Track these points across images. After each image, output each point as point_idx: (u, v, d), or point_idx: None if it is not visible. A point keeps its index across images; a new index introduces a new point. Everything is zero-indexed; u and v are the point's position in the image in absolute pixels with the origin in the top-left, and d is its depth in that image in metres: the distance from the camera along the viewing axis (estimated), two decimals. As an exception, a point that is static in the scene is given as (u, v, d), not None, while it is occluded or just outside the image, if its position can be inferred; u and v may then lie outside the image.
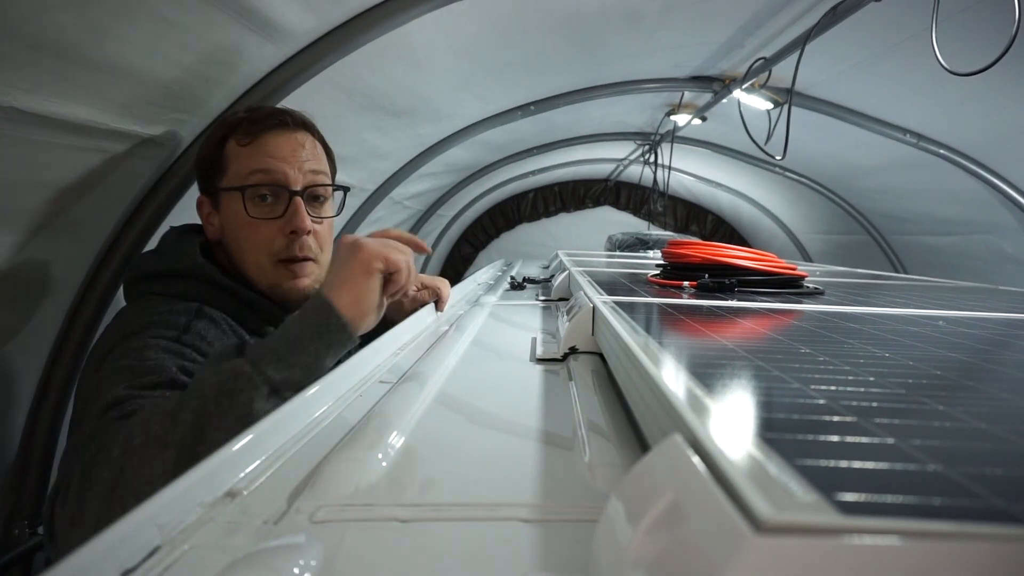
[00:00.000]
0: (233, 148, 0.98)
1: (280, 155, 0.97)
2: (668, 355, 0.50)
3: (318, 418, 0.57)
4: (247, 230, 0.97)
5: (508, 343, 0.94)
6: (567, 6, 2.02)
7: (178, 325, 0.85)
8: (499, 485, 0.42)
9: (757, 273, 1.17)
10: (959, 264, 3.41)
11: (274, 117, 0.99)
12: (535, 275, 2.13)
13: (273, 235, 0.97)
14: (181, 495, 0.36)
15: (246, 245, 0.98)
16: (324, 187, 1.03)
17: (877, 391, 0.42)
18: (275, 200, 0.97)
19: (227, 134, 0.98)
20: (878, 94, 2.66)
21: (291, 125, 1.00)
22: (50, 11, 0.85)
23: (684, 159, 4.72)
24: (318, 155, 1.03)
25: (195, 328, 0.86)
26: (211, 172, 1.00)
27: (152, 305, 0.89)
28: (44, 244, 1.13)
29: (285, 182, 0.97)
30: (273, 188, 0.97)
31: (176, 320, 0.86)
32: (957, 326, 0.79)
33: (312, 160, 1.01)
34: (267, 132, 0.97)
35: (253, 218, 0.96)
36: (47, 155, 1.02)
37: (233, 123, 0.99)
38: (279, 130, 0.98)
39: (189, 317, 0.87)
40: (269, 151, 0.97)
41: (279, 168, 0.97)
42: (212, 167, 1.00)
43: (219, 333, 0.89)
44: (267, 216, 0.97)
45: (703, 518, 0.24)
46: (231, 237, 0.99)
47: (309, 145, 1.01)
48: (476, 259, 6.54)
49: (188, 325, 0.85)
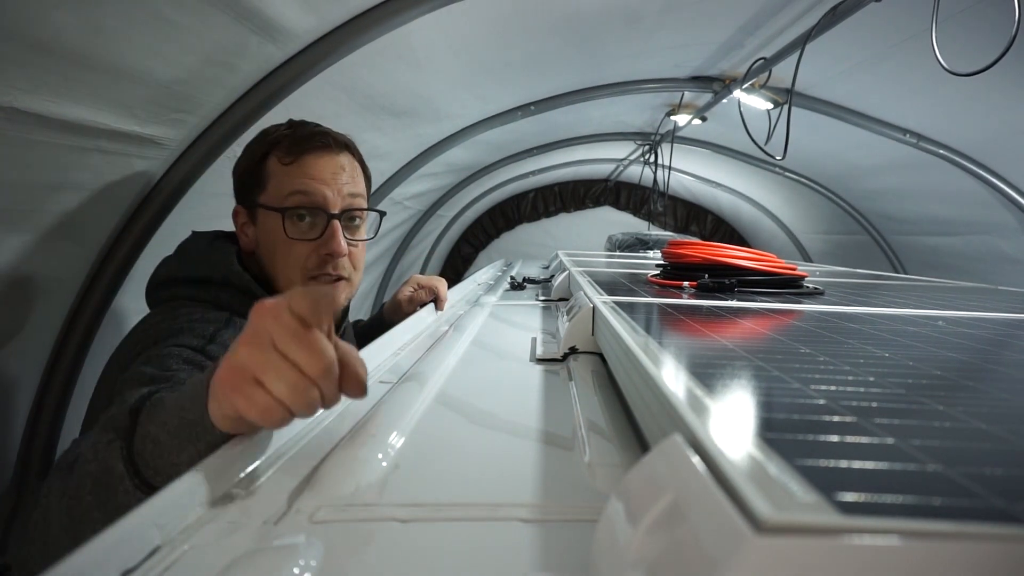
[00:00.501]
0: (275, 165, 0.98)
1: (321, 177, 0.98)
2: (668, 355, 0.50)
3: (318, 418, 0.57)
4: (283, 247, 0.97)
5: (508, 343, 0.94)
6: (567, 6, 2.02)
7: (205, 335, 0.83)
8: (499, 485, 0.42)
9: (757, 273, 1.17)
10: (959, 264, 3.41)
11: (318, 138, 1.00)
12: (535, 275, 2.13)
13: (308, 254, 0.98)
14: (181, 495, 0.36)
15: (280, 261, 0.98)
16: (361, 211, 1.05)
17: (877, 391, 0.42)
18: (313, 221, 0.98)
19: (269, 150, 0.99)
20: (878, 94, 2.66)
21: (333, 147, 1.01)
22: (51, 11, 0.85)
23: (684, 159, 4.72)
24: (357, 178, 1.05)
25: (221, 339, 0.84)
26: (250, 185, 1.00)
27: (182, 311, 0.88)
28: (44, 244, 1.13)
29: (324, 205, 0.98)
30: (312, 210, 0.98)
31: (204, 329, 0.84)
32: (957, 326, 0.79)
33: (351, 183, 1.02)
34: (310, 153, 0.98)
35: (291, 238, 0.97)
36: (48, 155, 1.02)
37: (276, 139, 0.99)
38: (322, 152, 0.99)
39: (218, 326, 0.86)
40: (310, 172, 0.98)
41: (319, 191, 0.97)
42: (252, 181, 1.00)
43: None
44: (304, 237, 0.98)
45: (703, 518, 0.24)
46: (266, 251, 1.00)
47: (349, 168, 1.03)
48: (476, 259, 6.54)
49: (215, 335, 0.84)
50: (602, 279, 1.29)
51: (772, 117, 2.66)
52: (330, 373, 0.42)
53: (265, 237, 0.99)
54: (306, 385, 0.41)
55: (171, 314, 0.88)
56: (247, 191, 1.01)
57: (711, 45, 2.55)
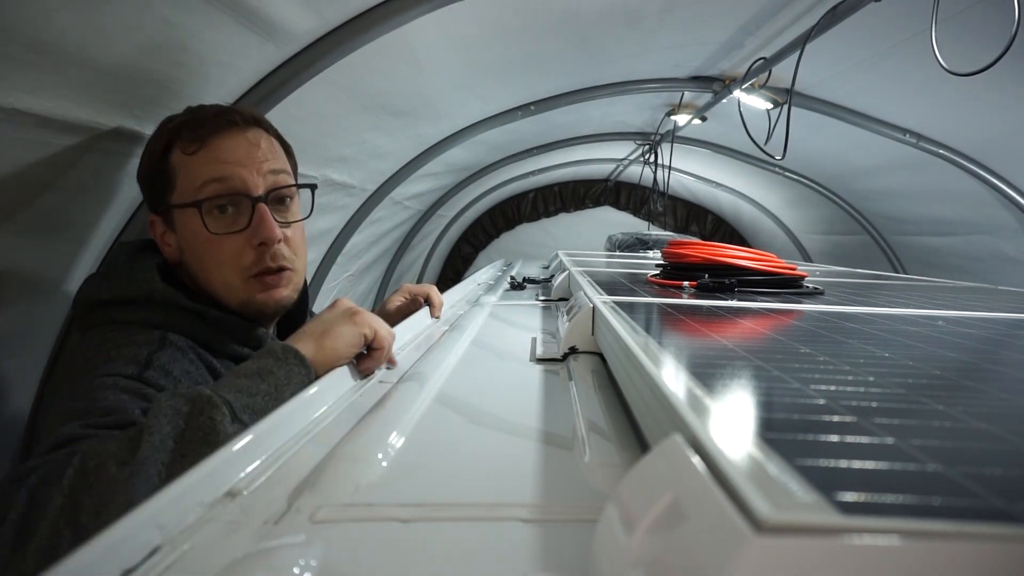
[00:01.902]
0: (179, 157, 0.88)
1: (234, 159, 0.87)
2: (668, 355, 0.50)
3: (318, 418, 0.57)
4: (210, 248, 0.87)
5: (508, 343, 0.94)
6: (567, 6, 2.02)
7: (139, 360, 0.75)
8: (499, 485, 0.42)
9: (757, 273, 1.17)
10: (959, 264, 3.41)
11: (221, 116, 0.89)
12: (535, 275, 2.14)
13: (240, 249, 0.88)
14: (181, 495, 0.36)
15: (211, 264, 0.88)
16: (288, 187, 0.93)
17: (877, 391, 0.42)
18: (236, 210, 0.88)
19: (170, 142, 0.88)
20: (878, 94, 2.66)
21: (240, 123, 0.89)
22: (52, 12, 0.85)
23: (684, 159, 4.72)
24: (276, 153, 0.93)
25: (158, 362, 0.76)
26: (158, 187, 0.90)
27: (109, 337, 0.79)
28: (44, 244, 1.13)
29: (244, 189, 0.87)
30: (232, 197, 0.87)
31: (136, 354, 0.76)
32: (957, 326, 0.79)
33: (271, 159, 0.91)
34: (215, 135, 0.87)
35: (215, 234, 0.86)
36: (48, 155, 1.02)
37: (174, 128, 0.89)
38: (228, 131, 0.88)
39: (151, 349, 0.77)
40: (221, 156, 0.87)
41: (235, 174, 0.87)
42: (158, 181, 0.90)
43: (186, 364, 0.80)
44: (230, 229, 0.87)
45: (703, 518, 0.24)
46: (192, 257, 0.90)
47: (265, 143, 0.91)
48: (476, 259, 6.54)
49: (150, 359, 0.76)
50: (602, 279, 1.29)
51: (772, 117, 2.67)
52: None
53: (188, 241, 0.89)
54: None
55: (99, 341, 0.80)
56: (157, 194, 0.90)
57: (711, 45, 2.56)
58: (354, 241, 2.94)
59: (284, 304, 0.93)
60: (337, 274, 3.01)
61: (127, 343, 0.78)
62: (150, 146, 0.92)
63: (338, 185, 2.32)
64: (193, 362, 0.81)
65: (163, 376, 0.75)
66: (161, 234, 0.92)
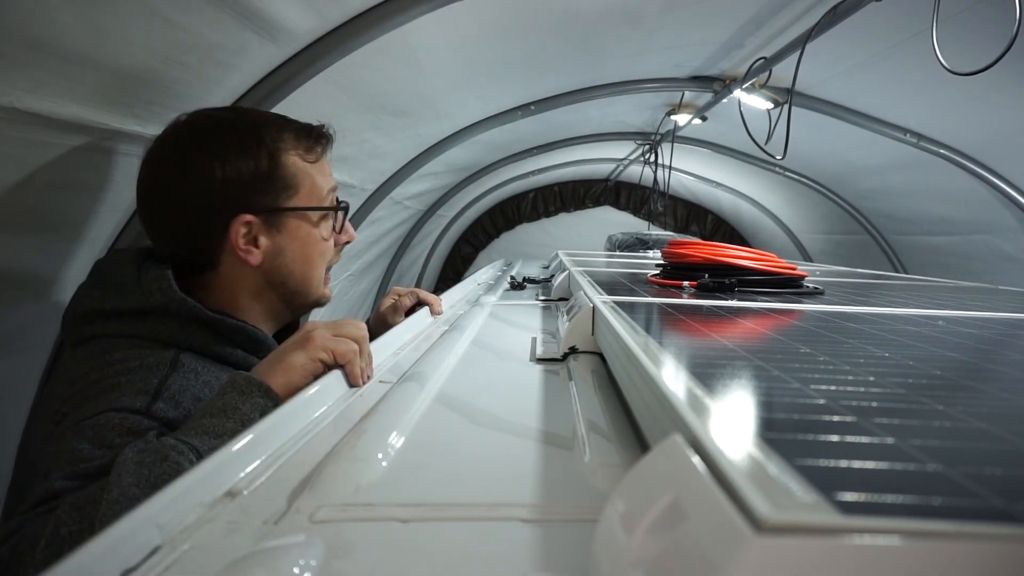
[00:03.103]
0: (300, 164, 0.92)
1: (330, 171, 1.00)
2: (668, 355, 0.50)
3: (318, 418, 0.57)
4: (320, 248, 0.96)
5: (508, 343, 0.94)
6: (567, 6, 2.01)
7: (149, 390, 0.73)
8: (499, 485, 0.42)
9: (757, 273, 1.17)
10: (959, 264, 3.41)
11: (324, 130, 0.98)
12: (535, 275, 2.13)
13: (330, 249, 1.00)
14: (181, 495, 0.36)
15: (318, 262, 0.96)
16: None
17: (877, 391, 0.42)
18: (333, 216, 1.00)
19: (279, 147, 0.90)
20: (878, 94, 2.66)
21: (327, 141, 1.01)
22: (51, 11, 0.85)
23: (684, 159, 4.72)
24: None
25: (168, 392, 0.75)
26: (273, 189, 0.90)
27: (116, 356, 0.77)
28: (44, 244, 1.13)
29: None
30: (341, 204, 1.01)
31: (147, 383, 0.74)
32: (957, 326, 0.79)
33: None
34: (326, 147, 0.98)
35: (324, 238, 0.96)
36: (48, 155, 1.02)
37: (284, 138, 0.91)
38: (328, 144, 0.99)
39: (163, 374, 0.76)
40: (328, 168, 0.98)
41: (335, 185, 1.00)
42: (273, 184, 0.90)
43: (197, 388, 0.78)
44: (331, 234, 0.99)
45: (703, 518, 0.24)
46: (294, 257, 0.93)
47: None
48: (476, 259, 6.54)
49: (160, 389, 0.74)
50: (602, 279, 1.29)
51: (772, 117, 2.67)
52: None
53: (295, 243, 0.92)
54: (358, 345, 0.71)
55: (101, 360, 0.77)
56: (260, 196, 0.89)
57: (711, 45, 2.55)
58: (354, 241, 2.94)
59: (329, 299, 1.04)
60: (337, 274, 3.01)
61: (138, 366, 0.76)
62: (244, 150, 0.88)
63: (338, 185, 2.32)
64: (207, 383, 0.80)
65: (173, 408, 0.74)
66: (254, 236, 0.90)
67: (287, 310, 0.98)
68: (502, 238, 6.60)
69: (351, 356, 0.70)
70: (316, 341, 0.70)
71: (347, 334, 0.72)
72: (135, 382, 0.74)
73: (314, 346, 0.70)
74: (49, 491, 0.63)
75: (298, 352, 0.70)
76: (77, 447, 0.67)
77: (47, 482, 0.64)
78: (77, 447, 0.67)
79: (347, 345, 0.70)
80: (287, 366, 0.70)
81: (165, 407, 0.73)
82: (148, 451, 0.60)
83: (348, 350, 0.70)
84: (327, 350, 0.70)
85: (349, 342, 0.71)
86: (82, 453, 0.66)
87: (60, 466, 0.66)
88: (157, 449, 0.60)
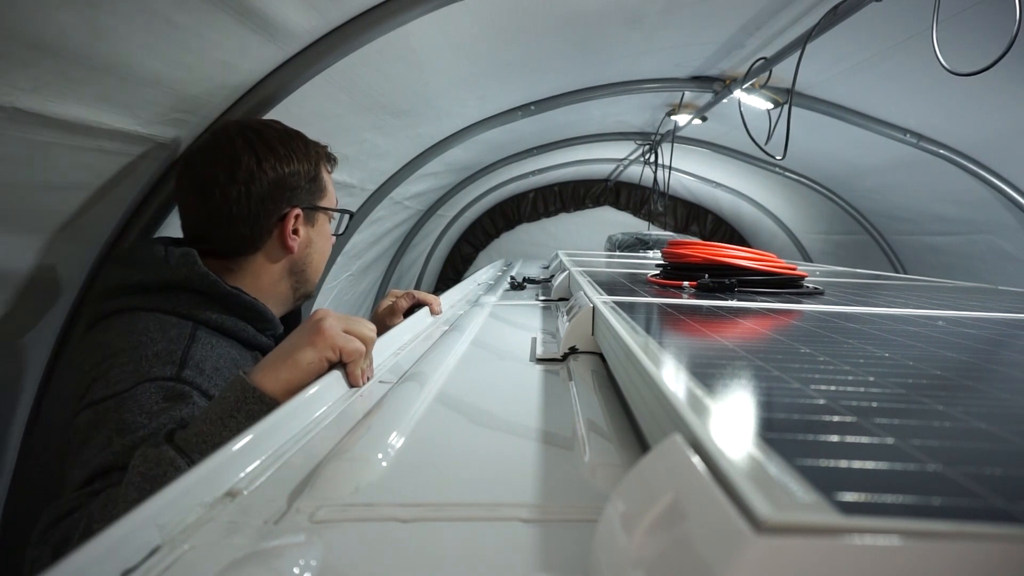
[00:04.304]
0: (325, 174, 1.11)
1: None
2: (668, 355, 0.50)
3: (318, 418, 0.57)
4: (328, 244, 1.13)
5: (508, 343, 0.94)
6: (567, 6, 2.01)
7: (175, 359, 0.80)
8: (499, 485, 0.42)
9: (757, 273, 1.17)
10: (959, 264, 3.41)
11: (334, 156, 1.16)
12: (535, 275, 2.13)
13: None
14: (181, 495, 0.36)
15: (326, 256, 1.14)
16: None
17: (877, 391, 0.42)
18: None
19: (319, 160, 1.09)
20: (878, 94, 2.66)
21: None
22: (52, 11, 0.85)
23: (684, 159, 4.72)
24: None
25: (193, 360, 0.81)
26: (312, 189, 1.07)
27: (139, 326, 0.84)
28: (44, 244, 1.13)
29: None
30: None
31: (172, 353, 0.81)
32: (957, 326, 0.78)
33: None
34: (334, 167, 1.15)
35: (333, 235, 1.15)
36: (48, 155, 1.02)
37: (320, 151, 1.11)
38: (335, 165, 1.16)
39: (184, 345, 0.83)
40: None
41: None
42: (313, 185, 1.07)
43: (215, 359, 0.86)
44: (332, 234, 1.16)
45: (703, 518, 0.24)
46: (315, 249, 1.10)
47: None
48: (476, 259, 6.54)
49: (185, 358, 0.81)
50: (602, 279, 1.29)
51: (772, 117, 2.67)
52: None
53: (319, 236, 1.10)
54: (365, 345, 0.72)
55: (125, 330, 0.83)
56: (306, 194, 1.06)
57: (711, 45, 2.55)
58: (354, 241, 2.94)
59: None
60: (337, 274, 3.01)
61: (161, 337, 0.83)
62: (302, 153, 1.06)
63: (338, 185, 2.32)
64: (223, 356, 0.88)
65: (198, 374, 0.82)
66: (295, 228, 1.05)
67: (292, 299, 1.10)
68: (502, 238, 6.60)
69: (356, 357, 0.70)
70: (326, 336, 0.71)
71: (358, 333, 0.72)
72: (160, 355, 0.80)
73: (324, 343, 0.70)
74: (103, 465, 0.68)
75: (308, 349, 0.71)
76: (122, 418, 0.72)
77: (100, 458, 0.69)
78: (122, 418, 0.72)
79: (355, 344, 0.71)
80: (294, 363, 0.70)
81: (191, 374, 0.80)
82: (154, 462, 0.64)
83: (355, 350, 0.70)
84: (335, 348, 0.70)
85: (358, 342, 0.71)
86: (129, 424, 0.72)
87: (109, 440, 0.71)
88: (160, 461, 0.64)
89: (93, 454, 0.70)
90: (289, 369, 0.70)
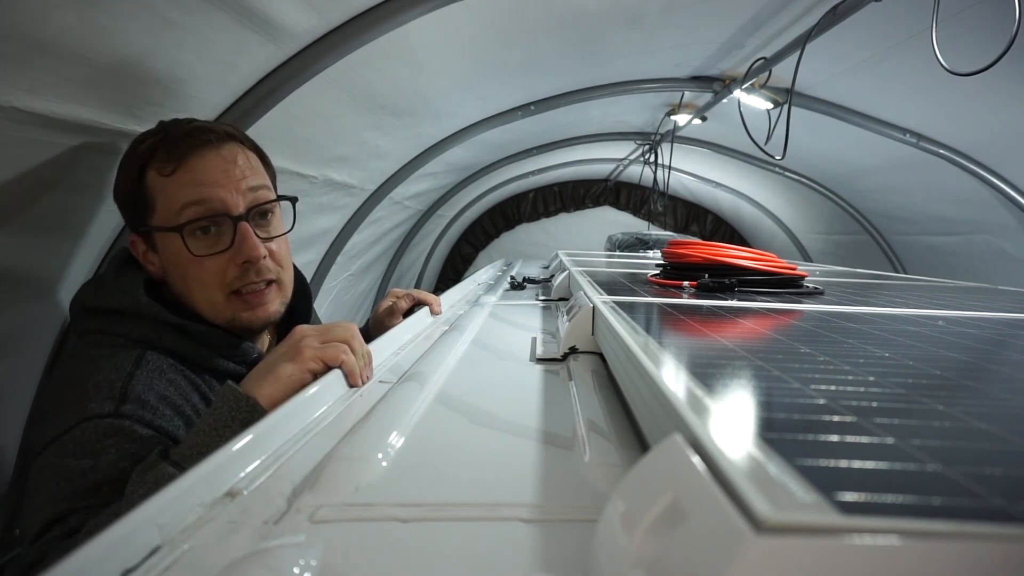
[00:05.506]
0: (156, 179, 0.86)
1: (211, 179, 0.86)
2: (668, 355, 0.50)
3: (318, 418, 0.57)
4: (193, 268, 0.87)
5: (508, 343, 0.94)
6: (567, 6, 2.02)
7: (114, 393, 0.76)
8: (499, 485, 0.42)
9: (757, 273, 1.17)
10: (959, 264, 3.41)
11: (195, 135, 0.87)
12: (535, 275, 2.13)
13: (224, 267, 0.87)
14: (181, 495, 0.36)
15: (195, 284, 0.88)
16: (269, 203, 0.93)
17: (877, 391, 0.42)
18: (218, 230, 0.87)
19: (145, 163, 0.87)
20: (878, 94, 2.66)
21: (215, 141, 0.88)
22: (52, 11, 0.85)
23: (684, 159, 4.72)
24: (254, 167, 0.92)
25: (133, 392, 0.77)
26: (138, 209, 0.89)
27: (92, 353, 0.81)
28: (44, 244, 1.13)
29: (224, 209, 0.86)
30: (212, 219, 0.86)
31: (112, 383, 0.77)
32: (957, 326, 0.78)
33: (249, 175, 0.90)
34: (190, 154, 0.86)
35: (197, 256, 0.86)
36: (48, 155, 1.02)
37: (148, 149, 0.87)
38: (203, 149, 0.86)
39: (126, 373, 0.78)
40: (198, 177, 0.86)
41: (214, 195, 0.86)
42: (137, 203, 0.88)
43: (163, 386, 0.80)
44: (213, 250, 0.86)
45: (703, 518, 0.24)
46: (176, 277, 0.89)
47: (241, 159, 0.90)
48: (476, 259, 6.55)
49: (124, 391, 0.76)
50: (602, 279, 1.29)
51: (772, 117, 2.67)
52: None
53: (171, 262, 0.89)
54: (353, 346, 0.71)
55: (83, 359, 0.81)
56: (136, 216, 0.89)
57: (711, 45, 2.56)
58: (354, 241, 2.94)
59: (271, 319, 0.93)
60: (337, 274, 3.01)
61: (107, 364, 0.79)
62: (124, 167, 0.89)
63: (338, 185, 2.32)
64: (172, 382, 0.82)
65: (139, 407, 0.76)
66: (143, 253, 0.91)
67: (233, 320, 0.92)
68: (502, 238, 6.60)
69: (342, 356, 0.69)
70: (306, 351, 0.70)
71: (334, 337, 0.71)
72: (100, 385, 0.77)
73: (303, 357, 0.70)
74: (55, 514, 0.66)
75: (287, 363, 0.70)
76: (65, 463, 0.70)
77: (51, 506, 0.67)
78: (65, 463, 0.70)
79: (336, 349, 0.69)
80: (275, 379, 0.69)
81: (131, 408, 0.75)
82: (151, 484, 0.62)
83: (336, 356, 0.69)
84: (316, 359, 0.69)
85: (337, 345, 0.70)
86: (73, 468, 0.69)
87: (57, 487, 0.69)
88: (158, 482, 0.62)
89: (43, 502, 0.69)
90: (271, 383, 0.69)
